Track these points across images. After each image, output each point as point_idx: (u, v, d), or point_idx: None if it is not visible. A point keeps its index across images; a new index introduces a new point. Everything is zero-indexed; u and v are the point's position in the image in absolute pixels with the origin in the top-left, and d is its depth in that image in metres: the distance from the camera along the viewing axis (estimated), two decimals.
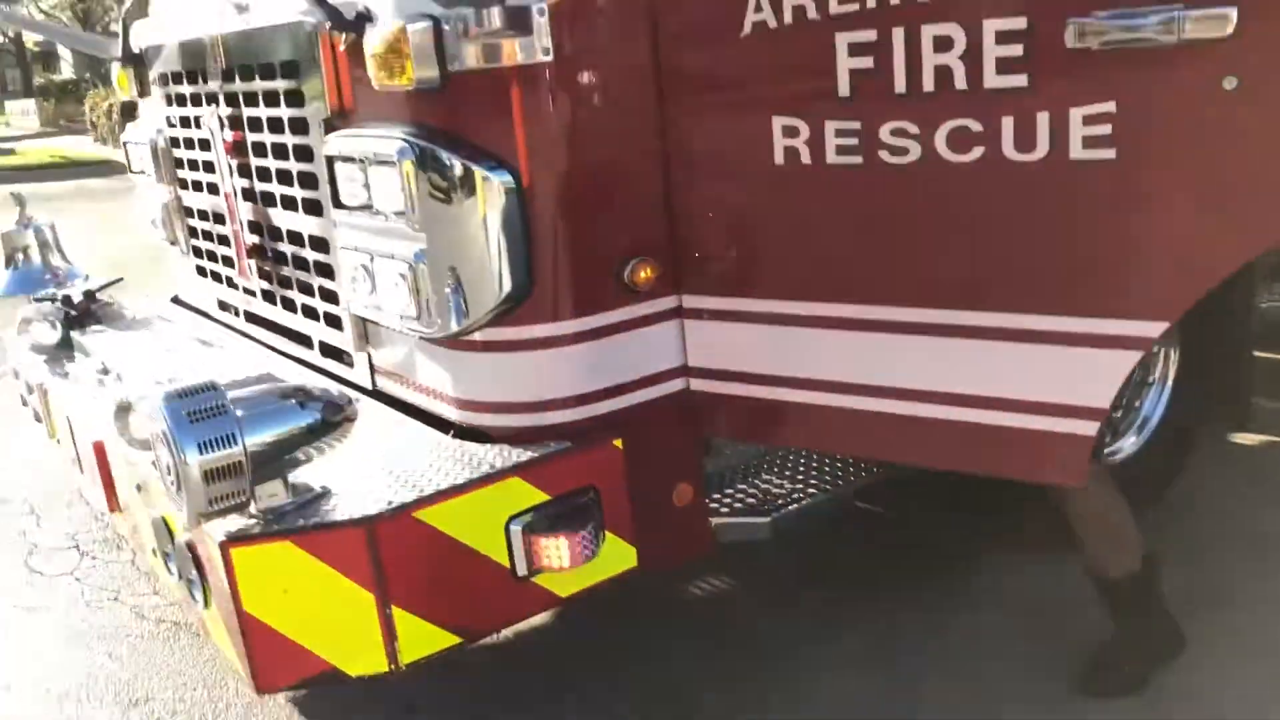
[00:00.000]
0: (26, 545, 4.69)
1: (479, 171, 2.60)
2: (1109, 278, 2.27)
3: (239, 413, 2.41)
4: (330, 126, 2.97)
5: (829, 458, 3.31)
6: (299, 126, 3.12)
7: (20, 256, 4.55)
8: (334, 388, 2.72)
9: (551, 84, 2.58)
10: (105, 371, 3.61)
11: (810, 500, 3.12)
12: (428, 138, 2.65)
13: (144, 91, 4.38)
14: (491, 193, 2.61)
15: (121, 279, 4.62)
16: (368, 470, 2.70)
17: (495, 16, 2.46)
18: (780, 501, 3.11)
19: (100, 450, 3.34)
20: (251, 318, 3.95)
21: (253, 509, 2.46)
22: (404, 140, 2.66)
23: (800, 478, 3.22)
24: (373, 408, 3.13)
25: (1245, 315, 3.75)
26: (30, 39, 57.42)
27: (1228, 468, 4.34)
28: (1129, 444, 3.91)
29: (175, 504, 2.44)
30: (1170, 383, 3.91)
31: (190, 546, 2.64)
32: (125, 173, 16.25)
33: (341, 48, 2.81)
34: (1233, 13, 1.95)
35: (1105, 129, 2.15)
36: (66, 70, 62.03)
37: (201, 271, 4.21)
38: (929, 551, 3.84)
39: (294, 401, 2.56)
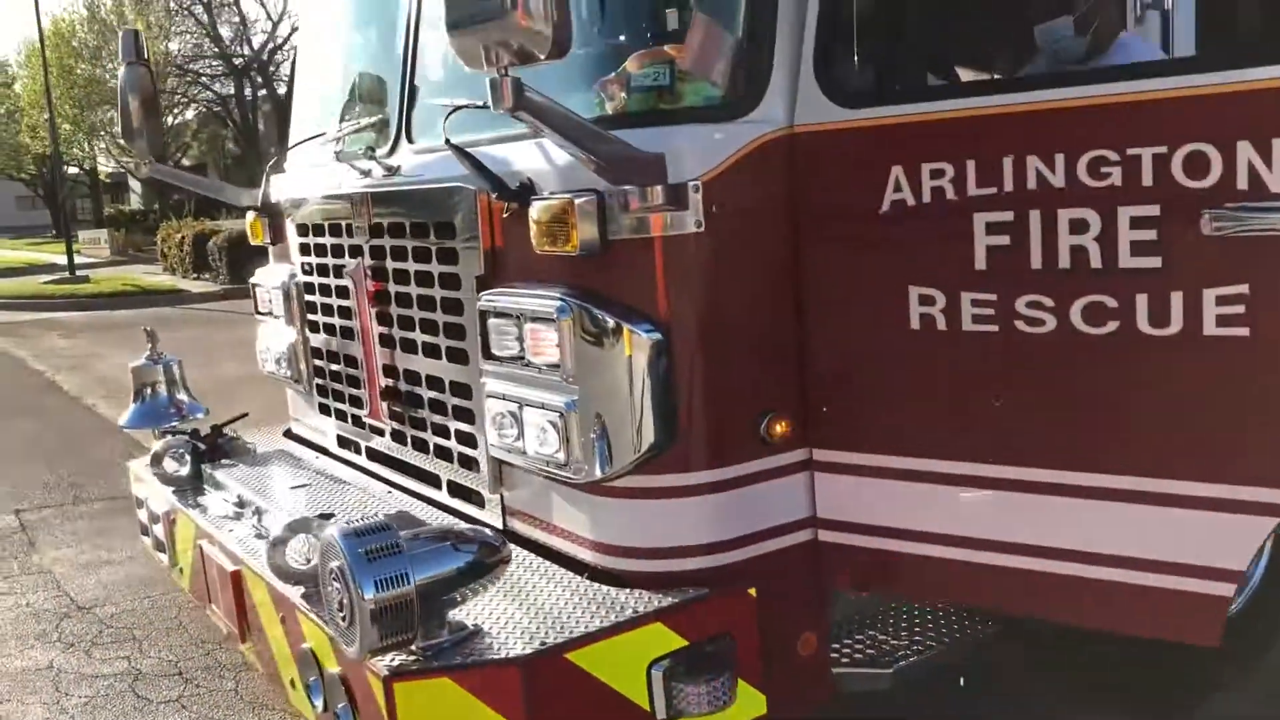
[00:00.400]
0: (132, 671, 4.79)
1: (631, 330, 2.79)
2: (1245, 447, 2.39)
3: None
4: (482, 284, 3.20)
5: (946, 611, 3.38)
6: (450, 282, 3.35)
7: (148, 391, 4.78)
8: (486, 531, 2.86)
9: (701, 251, 2.80)
10: (241, 505, 3.78)
11: (930, 652, 3.18)
12: (584, 298, 2.86)
13: (276, 239, 4.68)
14: (642, 350, 2.80)
15: (246, 414, 4.83)
16: (512, 610, 2.82)
17: (658, 193, 2.68)
18: (901, 653, 3.17)
19: (236, 580, 3.48)
20: (374, 455, 4.14)
21: (414, 645, 2.58)
22: (562, 299, 2.87)
23: (918, 630, 3.29)
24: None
25: None
26: (102, 170, 60.13)
27: None
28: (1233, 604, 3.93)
29: (343, 638, 2.56)
30: (1270, 546, 3.95)
31: (344, 679, 2.75)
32: (196, 302, 16.77)
33: (504, 215, 3.05)
34: None
35: (1239, 309, 2.32)
36: (134, 201, 64.69)
37: (324, 409, 4.41)
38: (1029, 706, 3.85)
39: (449, 543, 2.71)
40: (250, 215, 4.78)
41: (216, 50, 35.87)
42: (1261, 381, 2.35)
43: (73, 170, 56.82)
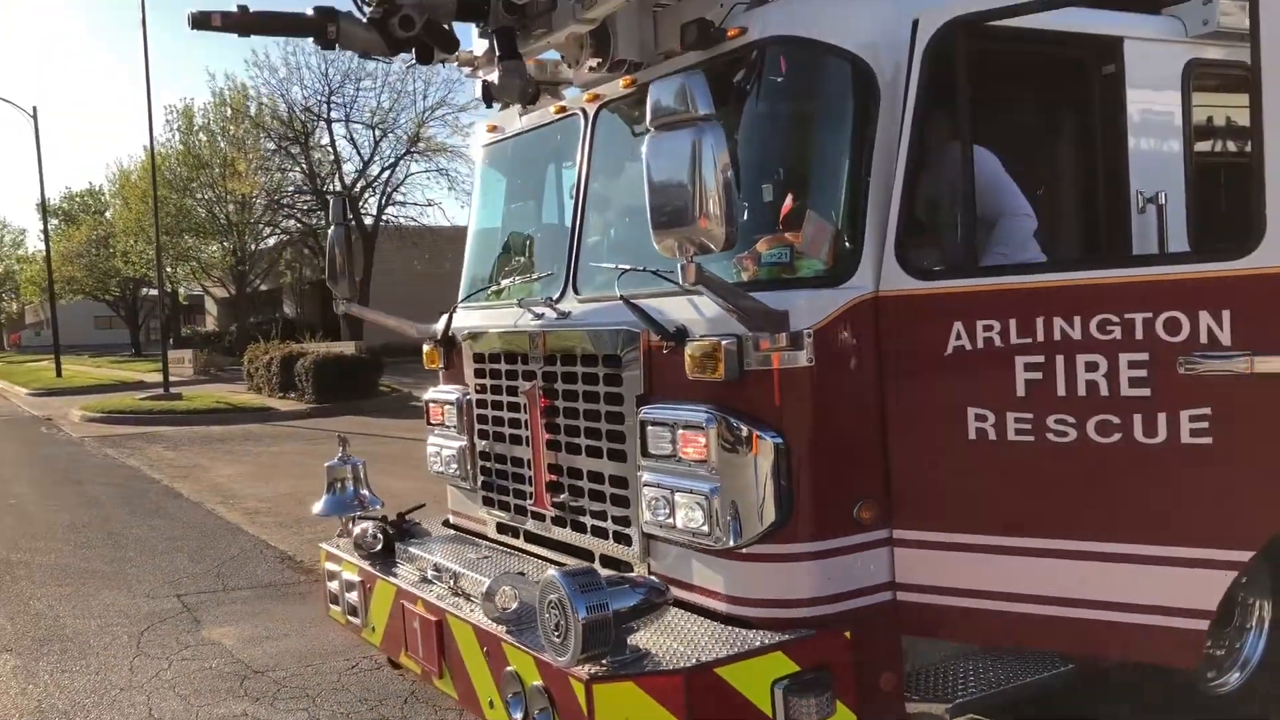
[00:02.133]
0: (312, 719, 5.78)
1: (759, 435, 3.85)
2: (1212, 520, 3.41)
3: None
4: (642, 400, 4.28)
5: (993, 665, 4.30)
6: (614, 399, 4.44)
7: (339, 485, 5.88)
8: (654, 580, 3.89)
9: (811, 379, 3.87)
10: (438, 571, 4.82)
11: (983, 693, 4.10)
12: (724, 411, 3.93)
13: (449, 365, 5.83)
14: (766, 451, 3.85)
15: (424, 505, 5.90)
16: (669, 641, 3.82)
17: (782, 338, 3.78)
18: (959, 692, 4.10)
19: (439, 627, 4.51)
20: (531, 537, 5.18)
21: (605, 659, 3.59)
22: (709, 412, 3.94)
23: (973, 677, 4.22)
24: None
25: None
26: (181, 293, 63.12)
27: None
28: (1233, 679, 4.79)
29: (556, 651, 3.58)
30: (1267, 628, 4.83)
31: (546, 689, 3.75)
32: (284, 420, 18.11)
33: (663, 350, 4.15)
34: None
35: (1205, 424, 3.37)
36: (210, 323, 67.63)
37: (488, 501, 5.48)
38: None
39: (629, 586, 3.73)
40: (426, 346, 5.94)
41: (309, 186, 38.36)
42: (1221, 475, 3.37)
43: (154, 292, 59.65)
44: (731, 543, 3.94)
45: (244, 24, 4.47)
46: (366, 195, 38.73)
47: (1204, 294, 3.35)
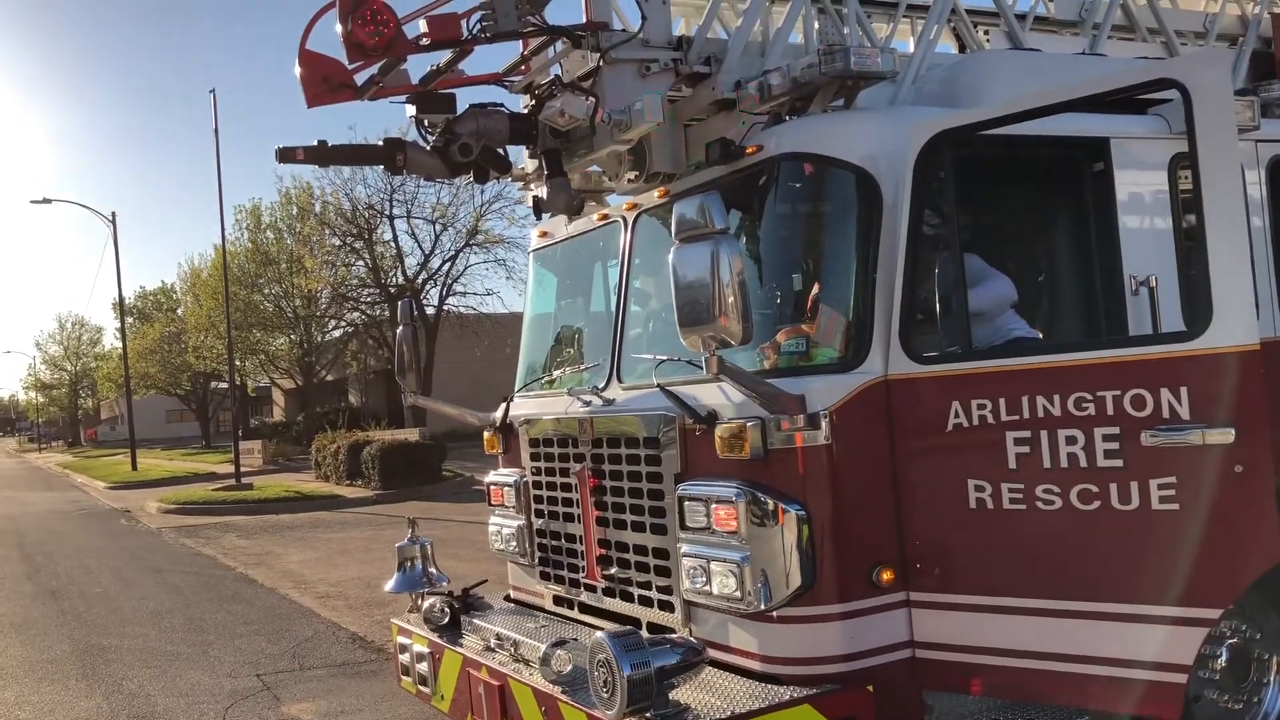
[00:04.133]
0: None
1: (784, 508, 4.28)
2: (1181, 580, 3.73)
3: None
4: (679, 478, 4.74)
5: (1015, 718, 4.62)
6: (655, 477, 4.90)
7: (409, 563, 6.37)
8: (692, 640, 4.30)
9: (829, 456, 4.30)
10: (500, 640, 5.27)
11: None
12: (752, 487, 4.37)
13: (506, 449, 6.33)
14: (791, 522, 4.28)
15: (486, 580, 6.37)
16: (707, 697, 4.22)
17: (800, 420, 4.23)
18: None
19: (503, 690, 4.94)
20: (584, 608, 5.61)
21: (649, 713, 3.99)
22: (738, 488, 4.39)
23: None
24: None
25: None
26: (250, 386, 64.89)
27: None
28: None
29: (604, 705, 3.99)
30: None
31: None
32: (352, 507, 18.69)
33: (696, 433, 4.62)
34: (1232, 431, 3.56)
35: (1172, 492, 3.72)
36: (277, 413, 69.28)
37: (545, 575, 5.93)
38: None
39: (669, 646, 4.15)
40: (487, 433, 6.46)
41: (374, 280, 39.68)
42: (1187, 538, 3.71)
43: (223, 386, 61.45)
44: (762, 606, 4.35)
45: (323, 156, 5.11)
46: (428, 287, 40.03)
47: (1164, 373, 3.73)
